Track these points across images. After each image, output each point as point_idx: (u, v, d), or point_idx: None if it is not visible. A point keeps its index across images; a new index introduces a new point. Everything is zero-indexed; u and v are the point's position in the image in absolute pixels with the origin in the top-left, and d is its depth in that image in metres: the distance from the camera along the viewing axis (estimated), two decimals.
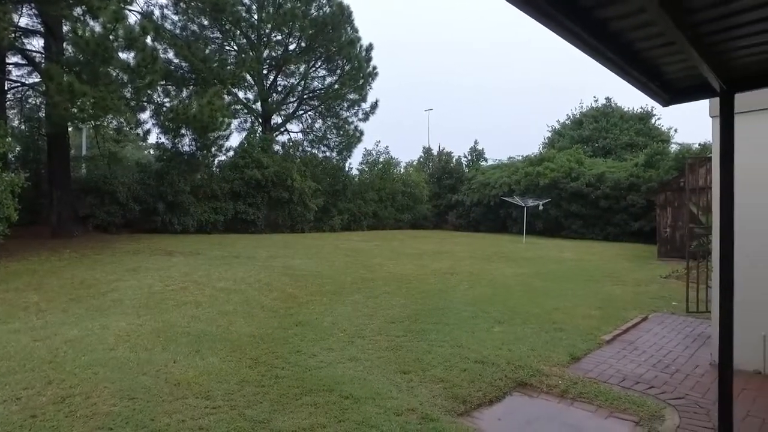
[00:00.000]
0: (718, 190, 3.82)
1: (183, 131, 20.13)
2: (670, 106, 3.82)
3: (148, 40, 13.88)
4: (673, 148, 27.66)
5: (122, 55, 13.72)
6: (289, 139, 29.62)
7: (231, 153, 24.20)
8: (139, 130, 21.32)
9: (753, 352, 5.20)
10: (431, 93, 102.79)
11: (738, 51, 2.96)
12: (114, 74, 13.83)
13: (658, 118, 35.74)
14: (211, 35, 24.75)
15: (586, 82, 64.27)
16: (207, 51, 21.55)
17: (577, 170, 26.35)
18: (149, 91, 16.58)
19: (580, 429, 4.08)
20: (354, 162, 51.90)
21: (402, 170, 35.16)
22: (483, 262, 14.41)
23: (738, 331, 4.87)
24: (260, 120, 27.78)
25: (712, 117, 5.35)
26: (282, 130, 29.17)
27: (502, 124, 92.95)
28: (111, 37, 12.35)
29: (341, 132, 29.80)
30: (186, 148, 21.64)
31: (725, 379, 3.69)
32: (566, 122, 38.64)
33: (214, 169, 23.58)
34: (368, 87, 28.75)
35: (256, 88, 26.73)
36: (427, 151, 38.11)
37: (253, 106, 27.64)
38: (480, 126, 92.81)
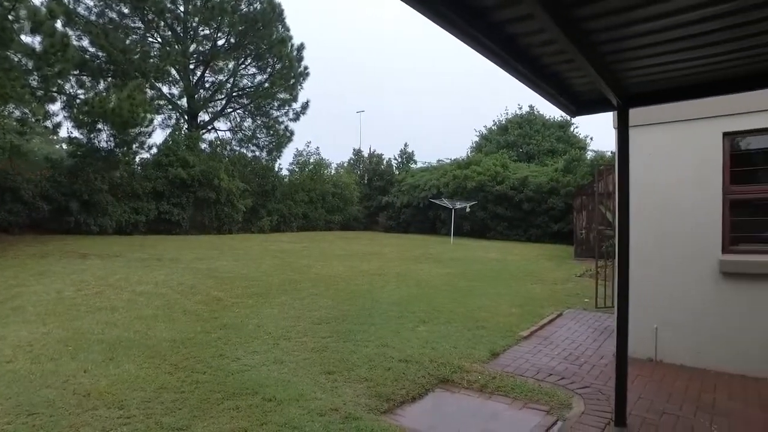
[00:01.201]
0: (617, 197, 4.17)
1: (100, 126, 18.79)
2: (588, 117, 4.12)
3: (58, 24, 12.92)
4: (590, 155, 29.63)
5: (27, 39, 12.66)
6: (217, 138, 28.70)
7: (154, 150, 23.03)
8: (48, 123, 19.70)
9: (647, 342, 5.71)
10: (363, 95, 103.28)
11: (632, 71, 3.27)
12: (15, 59, 12.71)
13: (576, 127, 38.15)
14: (132, 25, 23.37)
15: (512, 90, 67.16)
16: (128, 41, 20.42)
17: (502, 174, 27.56)
18: (60, 81, 15.40)
19: (497, 420, 4.30)
20: (284, 162, 51.11)
21: (333, 171, 35.09)
22: (411, 262, 14.71)
23: (635, 323, 5.35)
24: (186, 117, 26.66)
25: (614, 128, 5.81)
26: (209, 128, 28.19)
27: (432, 127, 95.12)
28: (10, 17, 11.34)
29: (271, 132, 29.26)
30: (103, 144, 20.14)
31: (621, 367, 4.04)
32: (493, 128, 40.22)
33: (136, 167, 22.29)
34: (299, 87, 28.47)
35: (181, 83, 25.61)
36: (358, 152, 38.30)
37: (178, 102, 26.48)
38: (411, 129, 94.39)
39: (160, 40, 24.26)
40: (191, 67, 25.80)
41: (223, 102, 28.08)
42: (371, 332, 6.64)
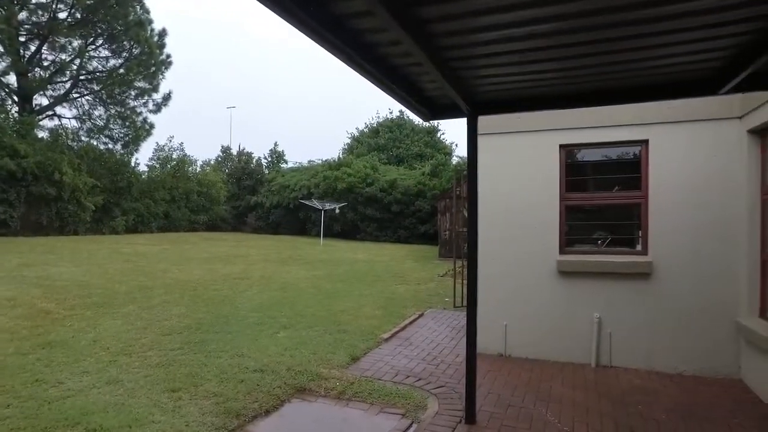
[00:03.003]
0: (467, 201, 4.31)
1: None
2: (454, 124, 4.18)
3: None
4: (455, 160, 31.53)
5: None
6: (60, 126, 25.30)
7: None
8: None
9: (497, 338, 6.07)
10: (234, 91, 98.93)
11: (480, 79, 3.36)
12: None
13: (443, 133, 40.29)
14: None
15: (382, 93, 68.71)
16: None
17: (372, 176, 28.12)
18: None
19: (352, 428, 4.19)
20: (142, 157, 47.14)
21: (198, 169, 33.02)
22: (277, 265, 14.25)
23: (487, 321, 5.64)
24: (15, 98, 23.02)
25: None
26: (49, 113, 24.72)
27: (304, 127, 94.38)
28: None
29: (128, 123, 26.62)
30: None
31: (471, 366, 4.18)
32: (365, 130, 40.91)
33: None
34: (161, 76, 26.32)
35: (6, 56, 21.83)
36: (226, 150, 36.53)
37: (3, 79, 22.65)
38: (282, 128, 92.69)
39: None
40: (22, 39, 22.29)
41: (68, 85, 24.83)
42: (227, 341, 6.20)
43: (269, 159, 36.64)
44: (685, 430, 4.05)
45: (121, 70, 24.76)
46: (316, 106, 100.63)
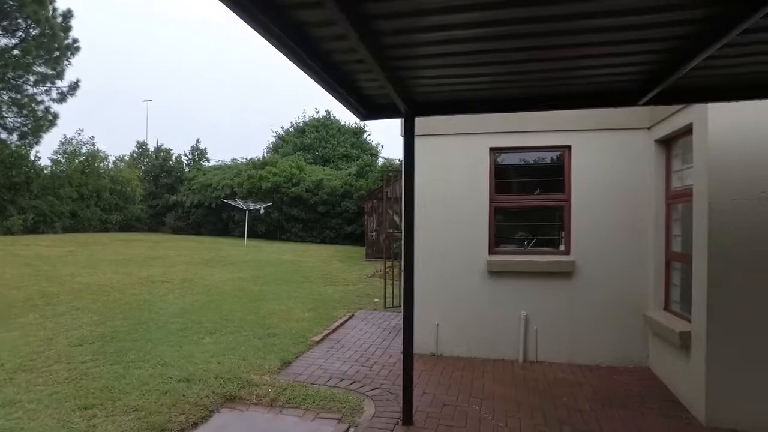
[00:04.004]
0: (403, 201, 4.31)
1: None
2: (381, 125, 4.14)
3: None
4: (381, 161, 31.80)
5: None
6: None
7: None
8: None
9: (430, 338, 6.15)
10: (153, 85, 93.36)
11: (419, 80, 3.36)
12: None
13: (369, 134, 40.47)
14: None
15: (310, 91, 68.24)
16: None
17: (298, 176, 27.68)
18: None
19: None
20: (45, 150, 43.22)
21: (111, 165, 30.83)
22: (200, 267, 13.61)
23: (420, 321, 5.68)
24: None
25: (402, 136, 6.13)
26: None
27: (227, 125, 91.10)
28: None
29: (25, 111, 24.21)
30: None
31: (407, 367, 4.19)
32: (290, 129, 40.19)
33: None
34: (66, 62, 24.23)
35: None
36: (143, 145, 34.43)
37: None
38: (205, 125, 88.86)
39: None
40: None
41: None
42: (147, 350, 5.79)
43: (190, 156, 34.98)
44: (605, 417, 4.31)
45: (16, 52, 22.45)
46: (241, 103, 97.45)
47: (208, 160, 35.51)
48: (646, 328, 5.61)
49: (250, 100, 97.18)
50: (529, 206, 6.32)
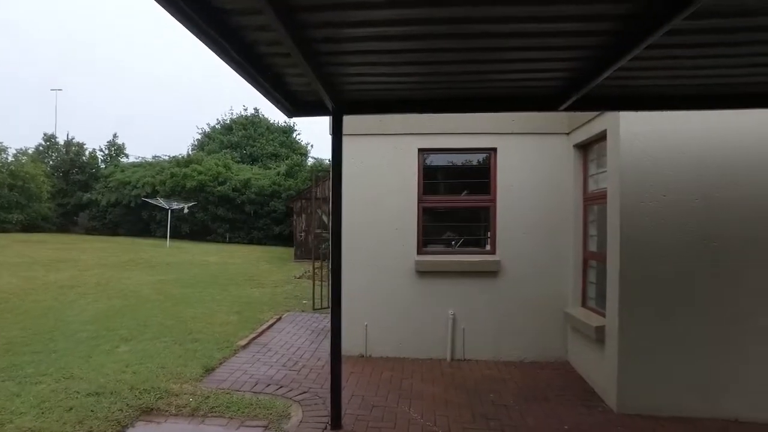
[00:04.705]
0: (331, 201, 4.25)
1: None
2: (311, 125, 4.02)
3: None
4: (310, 161, 31.42)
5: None
6: None
7: None
8: None
9: (359, 339, 6.11)
10: (64, 71, 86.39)
11: (348, 77, 3.30)
12: None
13: (299, 133, 39.91)
14: None
15: (237, 88, 65.96)
16: None
17: (224, 175, 26.74)
18: None
19: None
20: None
21: (11, 159, 28.19)
22: (116, 269, 12.75)
23: (349, 322, 5.61)
24: None
25: (330, 134, 6.05)
26: None
27: (149, 119, 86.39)
28: None
29: None
30: None
31: (335, 371, 4.11)
32: (217, 126, 38.76)
33: None
34: None
35: None
36: (50, 138, 31.77)
37: None
38: (123, 119, 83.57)
39: None
40: None
41: None
42: (50, 362, 5.31)
43: (106, 152, 32.75)
44: (529, 411, 4.47)
45: None
46: (163, 97, 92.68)
47: (127, 157, 33.49)
48: (566, 324, 5.89)
49: (174, 94, 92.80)
50: (456, 207, 6.45)
